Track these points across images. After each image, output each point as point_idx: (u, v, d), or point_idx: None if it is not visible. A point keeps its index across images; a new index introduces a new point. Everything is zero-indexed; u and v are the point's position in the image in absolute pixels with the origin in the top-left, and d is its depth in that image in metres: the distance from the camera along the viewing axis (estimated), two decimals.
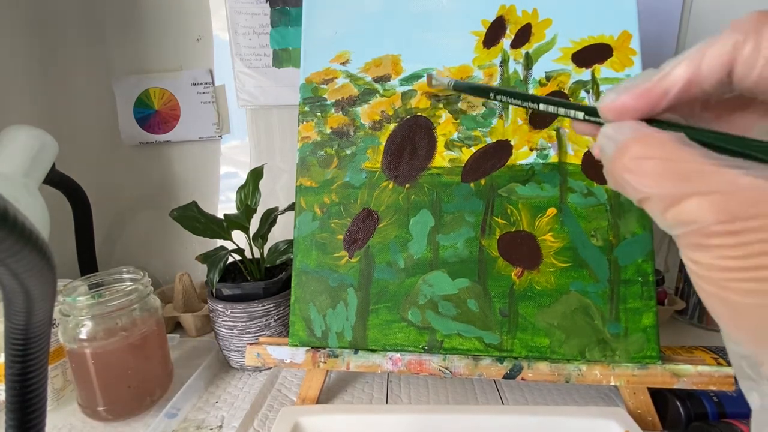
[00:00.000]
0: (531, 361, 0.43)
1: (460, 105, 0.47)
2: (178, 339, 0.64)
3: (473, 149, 0.46)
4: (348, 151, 0.48)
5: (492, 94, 0.32)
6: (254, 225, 0.55)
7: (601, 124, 0.22)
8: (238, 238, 0.55)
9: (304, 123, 0.49)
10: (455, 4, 0.48)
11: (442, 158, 0.46)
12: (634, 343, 0.42)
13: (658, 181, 0.15)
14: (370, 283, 0.46)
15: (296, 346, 0.46)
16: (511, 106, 0.46)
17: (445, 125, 0.47)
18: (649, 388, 0.43)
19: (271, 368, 0.56)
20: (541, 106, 0.26)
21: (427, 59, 0.48)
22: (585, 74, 0.45)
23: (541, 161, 0.45)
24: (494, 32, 0.47)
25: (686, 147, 0.15)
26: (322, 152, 0.48)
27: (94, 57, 0.72)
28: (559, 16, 0.46)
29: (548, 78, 0.46)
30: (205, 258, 0.53)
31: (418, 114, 0.47)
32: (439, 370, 0.43)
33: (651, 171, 0.16)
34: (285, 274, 0.55)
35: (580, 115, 0.23)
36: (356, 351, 0.45)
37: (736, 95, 0.17)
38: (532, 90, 0.46)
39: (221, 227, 0.54)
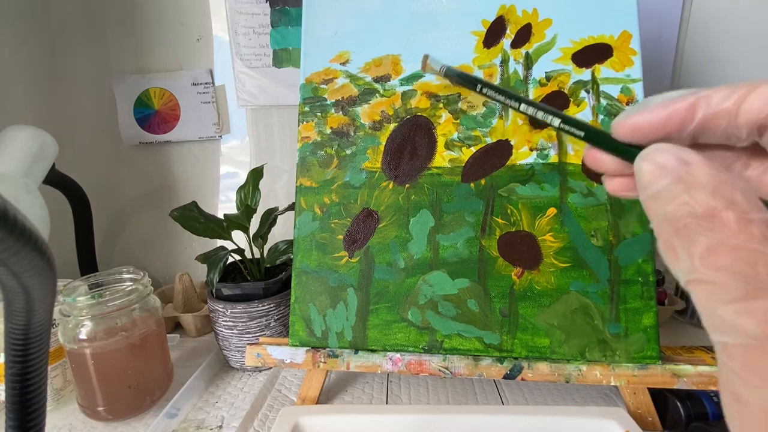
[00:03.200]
0: (531, 361, 0.43)
1: (460, 105, 0.47)
2: (178, 339, 0.64)
3: (473, 149, 0.46)
4: (348, 151, 0.48)
5: (478, 86, 0.32)
6: (254, 225, 0.55)
7: (578, 136, 0.20)
8: (238, 238, 0.55)
9: (304, 123, 0.49)
10: (455, 4, 0.48)
11: (442, 158, 0.46)
12: (634, 343, 0.42)
13: (734, 267, 0.11)
14: (370, 283, 0.46)
15: (296, 346, 0.46)
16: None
17: (445, 125, 0.47)
18: (649, 388, 0.43)
19: (271, 368, 0.56)
20: (522, 107, 0.26)
21: None
22: (585, 74, 0.45)
23: (541, 161, 0.45)
24: (494, 32, 0.47)
25: None
26: (322, 152, 0.48)
27: (94, 57, 0.72)
28: (559, 16, 0.46)
29: (548, 78, 0.46)
30: (205, 258, 0.53)
31: (418, 114, 0.47)
32: (439, 370, 0.43)
33: (728, 251, 0.11)
34: (285, 274, 0.55)
35: (556, 121, 0.22)
36: (356, 351, 0.45)
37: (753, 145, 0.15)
38: (532, 90, 0.46)
39: (221, 227, 0.54)
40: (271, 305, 0.53)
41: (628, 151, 0.17)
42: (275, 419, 0.41)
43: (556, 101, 0.45)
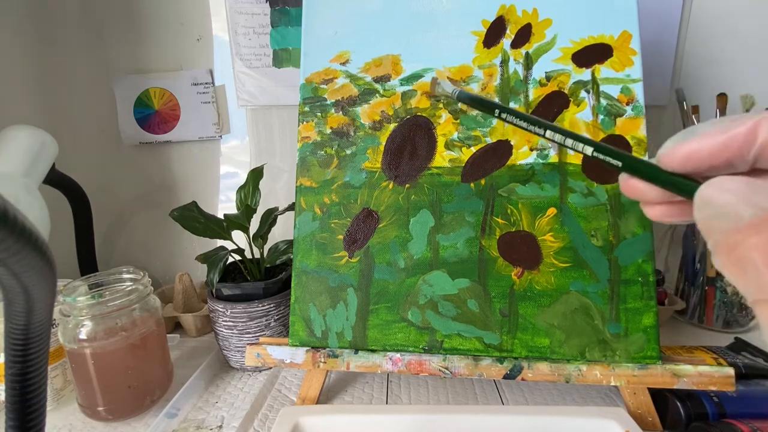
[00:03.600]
0: (531, 361, 0.43)
1: (460, 105, 0.47)
2: (178, 339, 0.64)
3: (473, 149, 0.46)
4: (348, 151, 0.48)
5: (497, 112, 0.28)
6: (254, 225, 0.55)
7: (614, 166, 0.18)
8: (238, 238, 0.55)
9: (304, 123, 0.49)
10: (455, 4, 0.48)
11: (442, 158, 0.46)
12: (634, 343, 0.42)
13: None
14: (370, 283, 0.46)
15: (296, 346, 0.46)
16: (510, 106, 0.46)
17: (445, 125, 0.47)
18: (649, 388, 0.43)
19: (271, 368, 0.56)
20: (548, 133, 0.23)
21: (427, 59, 0.48)
22: (585, 74, 0.45)
23: (541, 161, 0.45)
24: (494, 32, 0.47)
25: None
26: (322, 152, 0.48)
27: (94, 57, 0.72)
28: (559, 16, 0.46)
29: (548, 78, 0.46)
30: (205, 258, 0.53)
31: (418, 114, 0.47)
32: (439, 370, 0.43)
33: None
34: (285, 274, 0.55)
35: (589, 150, 0.20)
36: (356, 351, 0.45)
37: None
38: (532, 90, 0.46)
39: (221, 227, 0.54)
40: (271, 305, 0.53)
41: (677, 182, 0.16)
42: (275, 419, 0.41)
43: (556, 101, 0.45)
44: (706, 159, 0.15)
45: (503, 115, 0.27)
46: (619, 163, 0.18)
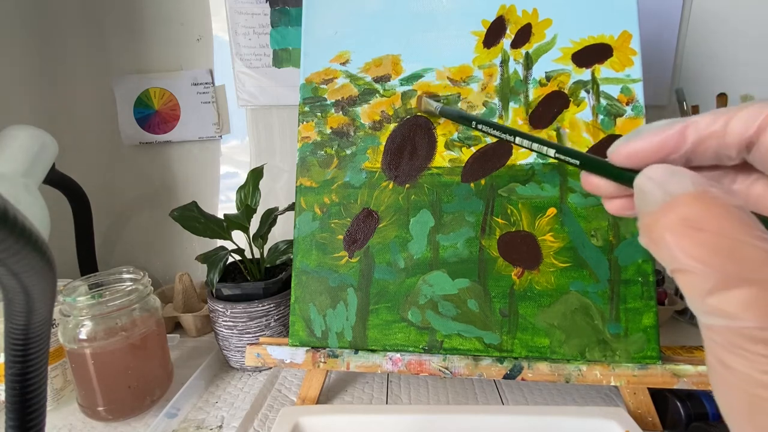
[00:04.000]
0: (531, 361, 0.43)
1: (460, 105, 0.47)
2: (178, 339, 0.64)
3: (473, 149, 0.46)
4: (348, 151, 0.48)
5: (474, 124, 0.33)
6: (254, 225, 0.55)
7: (573, 164, 0.21)
8: (238, 238, 0.55)
9: (304, 123, 0.49)
10: (455, 4, 0.48)
11: (442, 158, 0.46)
12: (634, 343, 0.42)
13: (710, 258, 0.13)
14: (370, 283, 0.46)
15: (296, 346, 0.46)
16: (510, 106, 0.46)
17: (445, 125, 0.47)
18: (649, 388, 0.43)
19: (271, 368, 0.56)
20: (517, 140, 0.26)
21: (427, 59, 0.48)
22: (585, 74, 0.45)
23: (541, 161, 0.45)
24: (494, 32, 0.47)
25: (752, 223, 0.13)
26: (322, 152, 0.48)
27: (94, 57, 0.72)
28: (559, 16, 0.46)
29: (548, 78, 0.46)
30: (205, 258, 0.53)
31: (418, 114, 0.47)
32: (439, 370, 0.43)
33: (704, 243, 0.13)
34: (285, 274, 0.55)
35: (551, 152, 0.23)
36: (356, 351, 0.45)
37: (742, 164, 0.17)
38: (532, 90, 0.46)
39: (221, 227, 0.54)
40: (271, 305, 0.53)
41: (624, 176, 0.18)
42: (275, 419, 0.41)
43: (556, 101, 0.45)
44: (645, 158, 0.17)
45: (479, 126, 0.33)
46: (577, 162, 0.21)
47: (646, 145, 0.17)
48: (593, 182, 0.20)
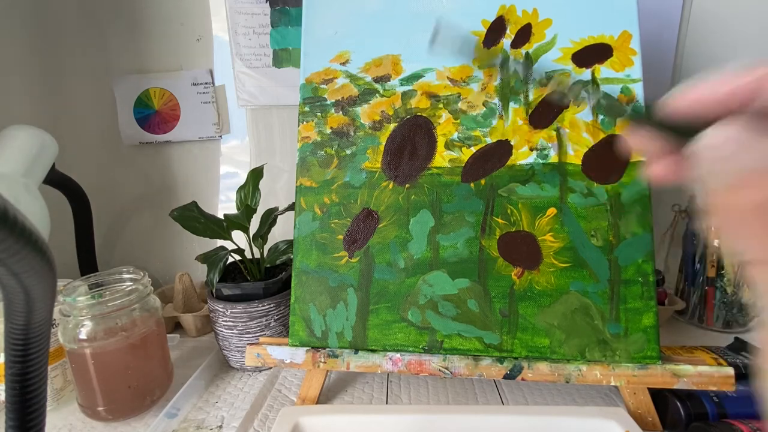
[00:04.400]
0: (531, 361, 0.43)
1: (460, 105, 0.47)
2: (178, 339, 0.64)
3: (473, 149, 0.46)
4: (348, 151, 0.48)
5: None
6: (254, 225, 0.55)
7: (624, 111, 0.19)
8: (238, 238, 0.55)
9: (304, 123, 0.49)
10: (455, 4, 0.48)
11: (442, 158, 0.46)
12: (634, 343, 0.42)
13: None
14: (370, 283, 0.46)
15: (296, 346, 0.46)
16: (510, 106, 0.46)
17: (445, 125, 0.47)
18: (649, 388, 0.43)
19: (271, 368, 0.56)
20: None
21: (427, 59, 0.48)
22: (585, 74, 0.45)
23: (541, 161, 0.45)
24: (494, 32, 0.47)
25: None
26: (322, 152, 0.48)
27: (94, 57, 0.72)
28: (559, 16, 0.46)
29: (548, 78, 0.46)
30: (205, 258, 0.53)
31: (418, 114, 0.47)
32: (439, 370, 0.43)
33: None
34: (285, 274, 0.55)
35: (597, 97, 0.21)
36: (356, 351, 0.45)
37: None
38: (532, 90, 0.46)
39: (221, 227, 0.54)
40: (271, 305, 0.53)
41: (682, 129, 0.16)
42: (275, 419, 0.41)
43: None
44: (713, 105, 0.15)
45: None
46: (629, 109, 0.19)
47: (713, 91, 0.15)
48: (641, 139, 0.18)
